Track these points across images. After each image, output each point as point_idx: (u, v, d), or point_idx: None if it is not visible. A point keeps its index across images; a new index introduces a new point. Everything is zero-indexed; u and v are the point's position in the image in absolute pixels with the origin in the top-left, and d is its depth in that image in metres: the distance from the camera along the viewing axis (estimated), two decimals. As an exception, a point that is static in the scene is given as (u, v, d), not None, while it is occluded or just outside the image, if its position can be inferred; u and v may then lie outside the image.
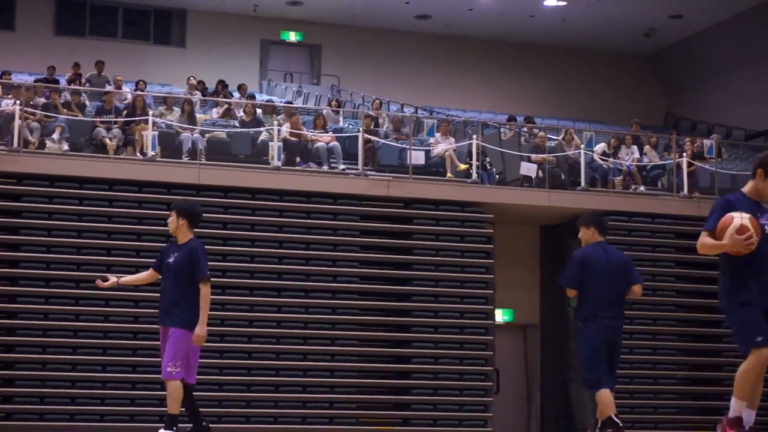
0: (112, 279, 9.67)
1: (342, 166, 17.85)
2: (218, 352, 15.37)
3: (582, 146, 18.99)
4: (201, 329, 8.94)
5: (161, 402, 14.90)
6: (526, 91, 29.51)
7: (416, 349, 16.41)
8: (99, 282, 9.53)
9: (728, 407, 6.78)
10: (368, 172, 17.52)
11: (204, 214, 15.73)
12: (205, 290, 9.08)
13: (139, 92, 19.33)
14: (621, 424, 9.08)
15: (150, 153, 16.34)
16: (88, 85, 21.16)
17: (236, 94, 22.64)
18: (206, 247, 15.58)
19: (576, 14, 27.85)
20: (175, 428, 8.99)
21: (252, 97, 21.99)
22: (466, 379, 16.39)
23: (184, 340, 9.00)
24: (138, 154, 16.86)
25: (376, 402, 16.30)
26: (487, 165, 18.67)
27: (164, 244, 15.43)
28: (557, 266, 18.68)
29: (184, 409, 9.12)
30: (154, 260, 9.72)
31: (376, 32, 28.94)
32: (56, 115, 17.20)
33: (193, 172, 16.08)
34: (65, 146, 16.79)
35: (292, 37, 29.12)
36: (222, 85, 23.41)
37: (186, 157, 17.05)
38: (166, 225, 15.46)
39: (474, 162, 17.84)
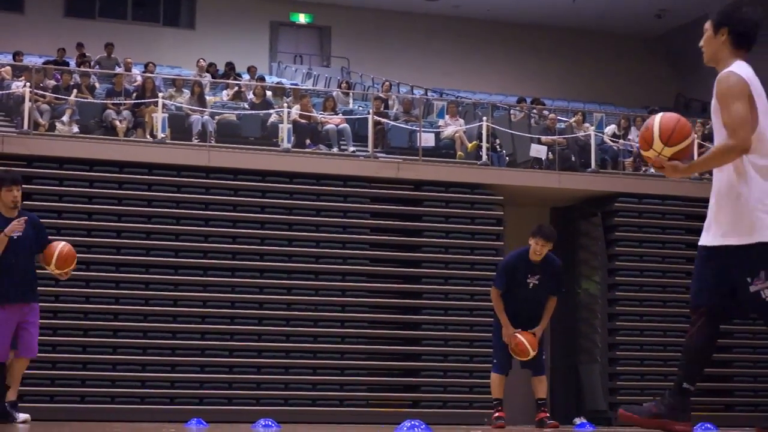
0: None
1: (352, 149, 17.84)
2: (228, 334, 15.41)
3: (592, 128, 18.94)
4: None
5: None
6: (536, 72, 29.42)
7: (426, 331, 16.42)
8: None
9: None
10: (378, 155, 17.51)
11: (214, 197, 15.88)
12: None
13: (148, 74, 19.33)
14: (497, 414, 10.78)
15: (160, 135, 16.34)
16: (97, 67, 21.16)
17: (246, 76, 22.62)
18: (216, 229, 15.76)
19: (586, -5, 27.77)
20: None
21: (261, 79, 21.98)
22: (476, 362, 16.38)
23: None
24: (148, 137, 16.87)
25: (386, 384, 16.32)
26: (497, 147, 18.64)
27: (175, 227, 15.61)
28: (567, 248, 18.69)
29: None
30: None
31: (385, 14, 28.86)
32: (66, 97, 17.21)
33: (203, 154, 16.08)
34: (75, 128, 16.80)
35: (302, 18, 29.06)
36: (230, 67, 23.38)
37: (196, 139, 17.06)
38: (176, 207, 15.63)
39: (484, 144, 17.81)
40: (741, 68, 5.30)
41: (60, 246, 9.63)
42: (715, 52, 5.48)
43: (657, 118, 5.34)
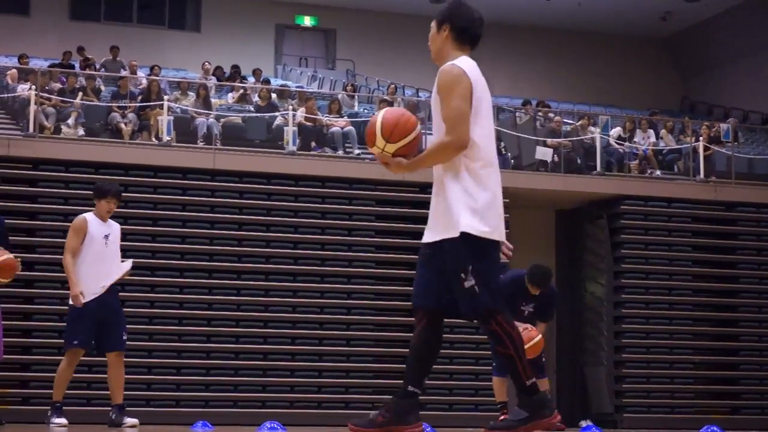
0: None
1: (357, 151, 17.83)
2: (234, 337, 15.40)
3: (598, 130, 18.92)
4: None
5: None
6: (541, 75, 29.40)
7: (432, 334, 16.38)
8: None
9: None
10: (383, 157, 17.47)
11: (219, 200, 15.88)
12: None
13: (154, 77, 19.33)
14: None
15: (165, 138, 16.35)
16: (103, 70, 21.18)
17: (251, 79, 22.62)
18: (221, 232, 15.74)
19: (592, -3, 27.77)
20: None
21: (267, 81, 21.98)
22: (481, 364, 16.36)
23: None
24: (153, 139, 16.88)
25: (392, 387, 16.28)
26: (503, 149, 18.62)
27: (180, 229, 15.61)
28: (573, 251, 18.68)
29: None
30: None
31: (390, 16, 28.86)
32: (72, 100, 17.23)
33: (208, 157, 16.08)
34: (81, 131, 16.81)
35: (307, 21, 29.06)
36: (236, 70, 23.39)
37: (201, 142, 17.06)
38: (182, 210, 15.63)
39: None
40: (465, 63, 5.25)
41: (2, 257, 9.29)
42: (440, 48, 5.44)
43: (380, 114, 5.30)
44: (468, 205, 5.12)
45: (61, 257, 9.30)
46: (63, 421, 9.51)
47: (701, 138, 19.21)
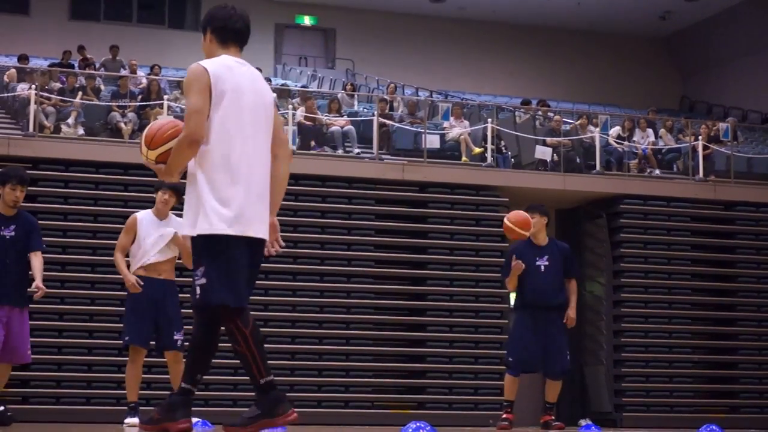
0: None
1: (357, 150, 17.85)
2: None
3: (597, 130, 18.95)
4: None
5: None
6: (541, 74, 29.42)
7: (431, 333, 16.43)
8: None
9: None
10: (383, 156, 17.52)
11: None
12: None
13: (154, 77, 19.35)
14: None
15: (165, 137, 16.34)
16: (103, 69, 21.20)
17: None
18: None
19: (591, -3, 27.80)
20: None
21: (267, 81, 21.96)
22: (481, 363, 16.40)
23: None
24: (153, 139, 16.86)
25: (392, 385, 16.33)
26: (503, 149, 18.65)
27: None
28: (572, 250, 18.66)
29: None
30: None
31: (390, 16, 28.88)
32: (71, 99, 17.25)
33: (208, 156, 16.08)
34: (80, 131, 16.83)
35: (307, 20, 29.09)
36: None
37: (201, 141, 17.06)
38: (182, 209, 15.62)
39: (489, 146, 17.81)
40: (214, 61, 5.43)
41: None
42: (208, 53, 5.61)
43: (150, 125, 5.58)
44: (202, 203, 5.20)
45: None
46: (134, 420, 9.53)
47: (700, 137, 19.23)
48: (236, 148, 5.25)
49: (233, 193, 5.19)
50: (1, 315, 8.98)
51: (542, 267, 10.24)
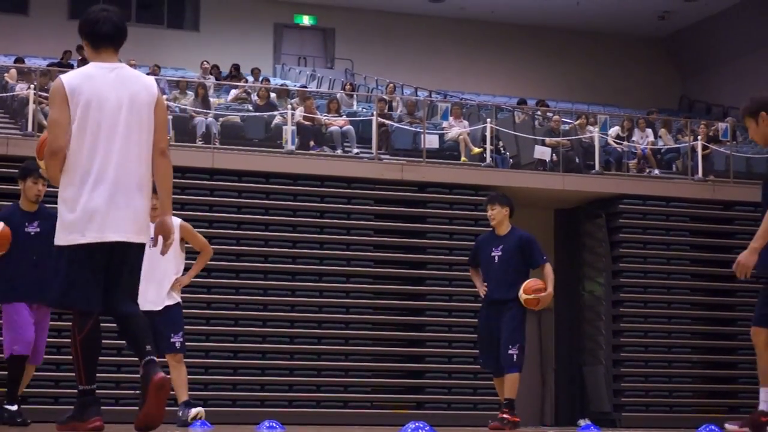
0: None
1: (356, 150, 17.85)
2: (233, 336, 15.41)
3: (596, 129, 18.94)
4: None
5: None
6: (540, 74, 29.43)
7: (430, 333, 16.42)
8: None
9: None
10: (382, 156, 17.51)
11: (218, 198, 15.89)
12: None
13: (152, 76, 19.32)
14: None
15: (164, 137, 16.34)
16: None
17: (250, 78, 22.64)
18: (219, 231, 15.75)
19: (590, -3, 27.81)
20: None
21: (266, 81, 22.00)
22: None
23: None
24: (152, 139, 16.86)
25: (391, 385, 16.32)
26: (501, 149, 18.64)
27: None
28: (571, 250, 18.68)
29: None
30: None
31: (389, 16, 28.89)
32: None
33: (207, 156, 16.09)
34: (79, 131, 16.80)
35: (306, 20, 29.09)
36: (235, 68, 23.40)
37: (200, 141, 17.07)
38: (180, 209, 15.61)
39: (488, 146, 17.81)
40: (74, 73, 5.60)
41: None
42: (89, 59, 5.73)
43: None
44: (59, 212, 5.62)
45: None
46: (195, 410, 9.56)
47: (699, 137, 19.23)
48: (95, 155, 5.46)
49: (85, 200, 5.49)
50: (31, 314, 8.89)
51: (496, 258, 9.92)
